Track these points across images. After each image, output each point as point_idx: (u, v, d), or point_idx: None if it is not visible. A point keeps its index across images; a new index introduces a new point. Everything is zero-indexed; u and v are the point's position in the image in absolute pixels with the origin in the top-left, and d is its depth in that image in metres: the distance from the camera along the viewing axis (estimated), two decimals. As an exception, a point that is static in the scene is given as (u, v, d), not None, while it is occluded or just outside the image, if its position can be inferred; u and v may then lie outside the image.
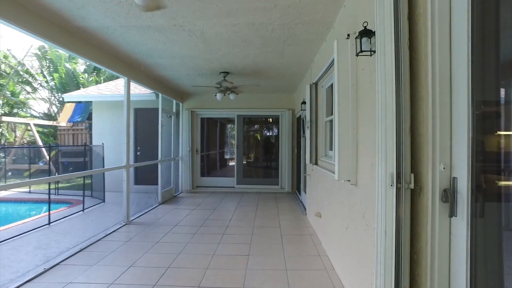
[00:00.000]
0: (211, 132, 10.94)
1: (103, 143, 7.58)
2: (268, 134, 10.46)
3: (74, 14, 3.53)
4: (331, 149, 4.21)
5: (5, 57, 16.53)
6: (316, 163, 5.03)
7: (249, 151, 10.23)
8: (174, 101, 8.58)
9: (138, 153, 8.49)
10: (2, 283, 3.21)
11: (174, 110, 8.59)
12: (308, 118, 5.20)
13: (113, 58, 5.13)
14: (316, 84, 5.07)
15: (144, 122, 8.51)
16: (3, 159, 12.89)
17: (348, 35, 2.73)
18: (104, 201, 7.60)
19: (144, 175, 8.39)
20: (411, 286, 1.64)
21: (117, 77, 13.40)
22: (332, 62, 3.23)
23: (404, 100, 1.62)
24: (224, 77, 6.17)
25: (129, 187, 5.69)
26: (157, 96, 7.72)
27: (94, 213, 6.67)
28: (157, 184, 7.52)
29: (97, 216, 6.44)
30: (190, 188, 9.05)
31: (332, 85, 3.18)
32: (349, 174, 2.76)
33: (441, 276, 1.50)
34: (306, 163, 5.47)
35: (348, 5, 3.06)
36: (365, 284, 2.43)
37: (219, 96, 6.50)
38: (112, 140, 8.44)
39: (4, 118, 11.56)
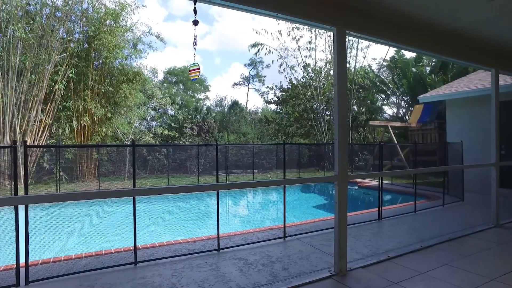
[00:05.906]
0: None
1: (461, 141, 7.40)
2: None
3: (443, 21, 3.86)
4: None
5: (366, 72, 20.10)
6: None
7: None
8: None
9: (502, 151, 7.54)
10: (391, 248, 4.13)
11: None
12: None
13: (476, 51, 4.99)
14: None
15: (508, 116, 7.45)
16: (368, 156, 15.79)
17: None
18: (463, 200, 7.43)
19: (510, 178, 7.33)
20: None
21: (467, 73, 12.54)
22: None
23: None
24: None
25: (497, 187, 5.25)
26: (530, 84, 6.54)
27: (453, 210, 6.72)
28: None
29: (457, 213, 6.45)
30: None
31: None
32: None
33: None
34: None
35: None
36: None
37: None
38: (467, 138, 8.04)
39: (371, 122, 14.15)
